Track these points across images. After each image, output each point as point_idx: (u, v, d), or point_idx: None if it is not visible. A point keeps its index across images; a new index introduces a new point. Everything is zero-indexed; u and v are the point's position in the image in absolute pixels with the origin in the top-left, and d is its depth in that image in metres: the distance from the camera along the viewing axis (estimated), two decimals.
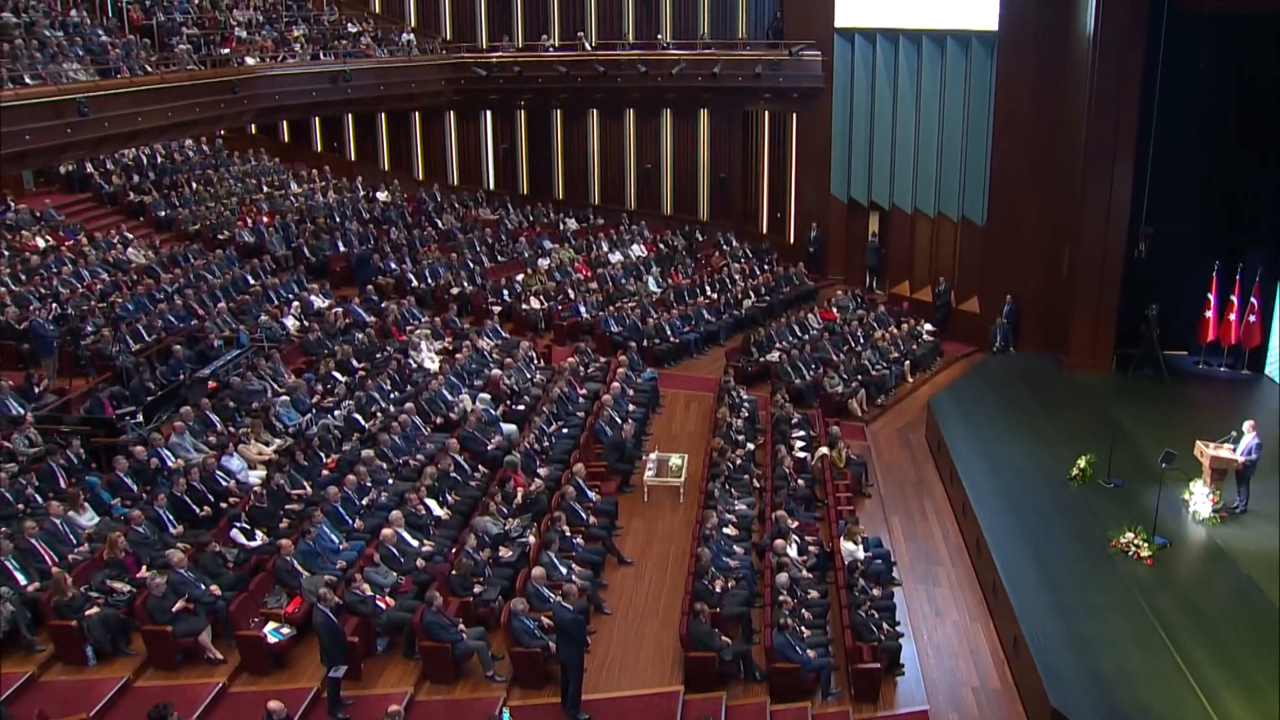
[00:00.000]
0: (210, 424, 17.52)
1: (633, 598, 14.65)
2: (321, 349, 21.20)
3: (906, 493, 18.73)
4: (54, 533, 13.80)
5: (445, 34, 33.65)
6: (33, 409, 17.39)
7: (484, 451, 17.44)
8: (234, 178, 31.71)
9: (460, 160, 35.67)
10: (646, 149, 33.24)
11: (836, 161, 28.76)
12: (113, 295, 22.11)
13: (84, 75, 21.38)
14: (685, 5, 31.37)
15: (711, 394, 21.47)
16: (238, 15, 29.19)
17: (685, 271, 28.24)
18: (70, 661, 12.47)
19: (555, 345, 23.69)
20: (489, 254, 28.25)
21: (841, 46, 27.99)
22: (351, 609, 12.76)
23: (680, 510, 17.05)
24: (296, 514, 15.08)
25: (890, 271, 28.50)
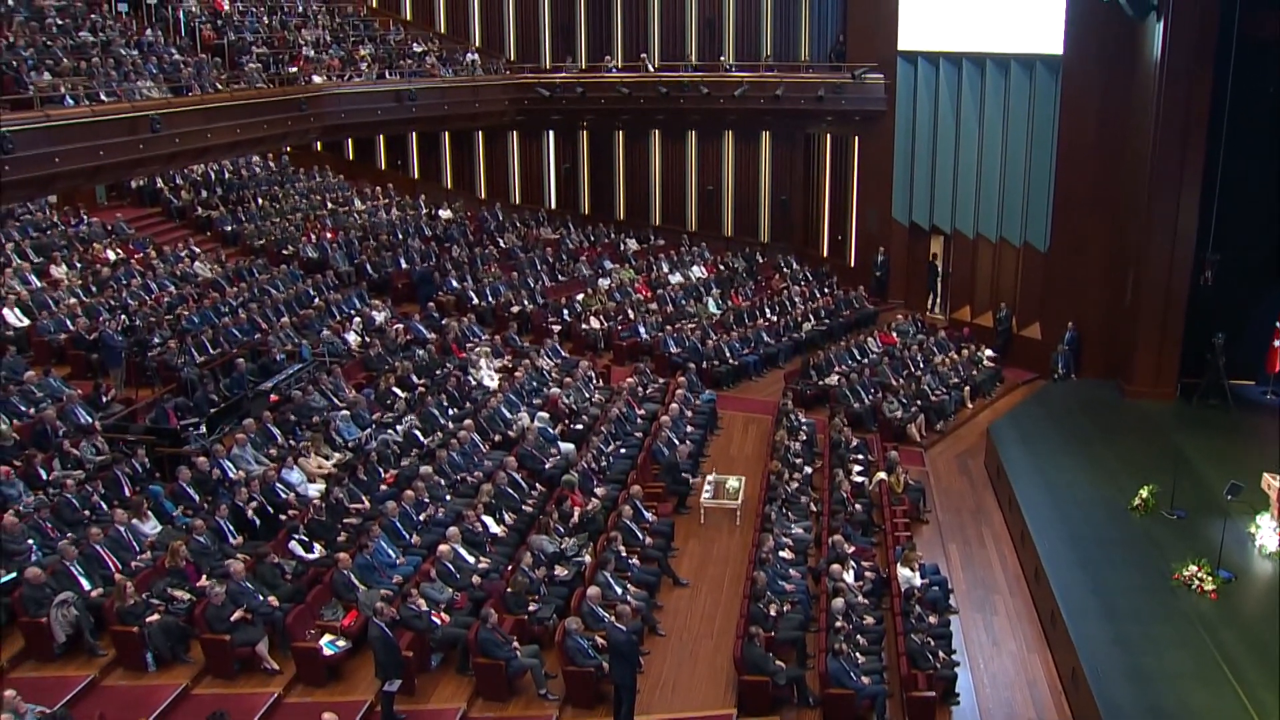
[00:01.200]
0: (271, 437, 17.73)
1: (687, 619, 14.65)
2: (382, 365, 21.39)
3: (964, 520, 18.60)
4: (118, 540, 14.05)
5: (509, 54, 33.92)
6: (100, 418, 17.68)
7: (542, 470, 17.53)
8: (299, 194, 32.04)
9: (522, 179, 35.88)
10: (708, 170, 33.29)
11: (898, 185, 28.71)
12: (179, 308, 22.41)
13: (157, 93, 21.72)
14: (748, 27, 31.44)
15: (770, 417, 21.47)
16: (306, 35, 29.58)
17: (745, 293, 28.23)
18: (131, 667, 12.68)
19: (614, 365, 23.76)
20: (550, 273, 28.39)
21: (904, 70, 27.98)
22: (407, 624, 12.87)
23: (736, 533, 17.03)
24: (354, 528, 15.22)
25: (952, 296, 28.33)
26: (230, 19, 28.88)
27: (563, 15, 33.51)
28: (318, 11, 32.12)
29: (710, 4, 31.69)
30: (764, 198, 32.68)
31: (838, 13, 30.39)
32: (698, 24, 31.96)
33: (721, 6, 31.54)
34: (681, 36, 32.20)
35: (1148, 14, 21.81)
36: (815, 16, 30.75)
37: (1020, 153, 25.78)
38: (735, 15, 31.49)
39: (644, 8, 32.48)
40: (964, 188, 27.47)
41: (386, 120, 28.23)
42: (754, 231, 32.91)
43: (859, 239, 30.37)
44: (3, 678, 12.20)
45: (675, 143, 33.50)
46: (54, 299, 21.52)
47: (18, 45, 21.26)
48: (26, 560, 13.31)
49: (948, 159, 27.75)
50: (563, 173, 35.24)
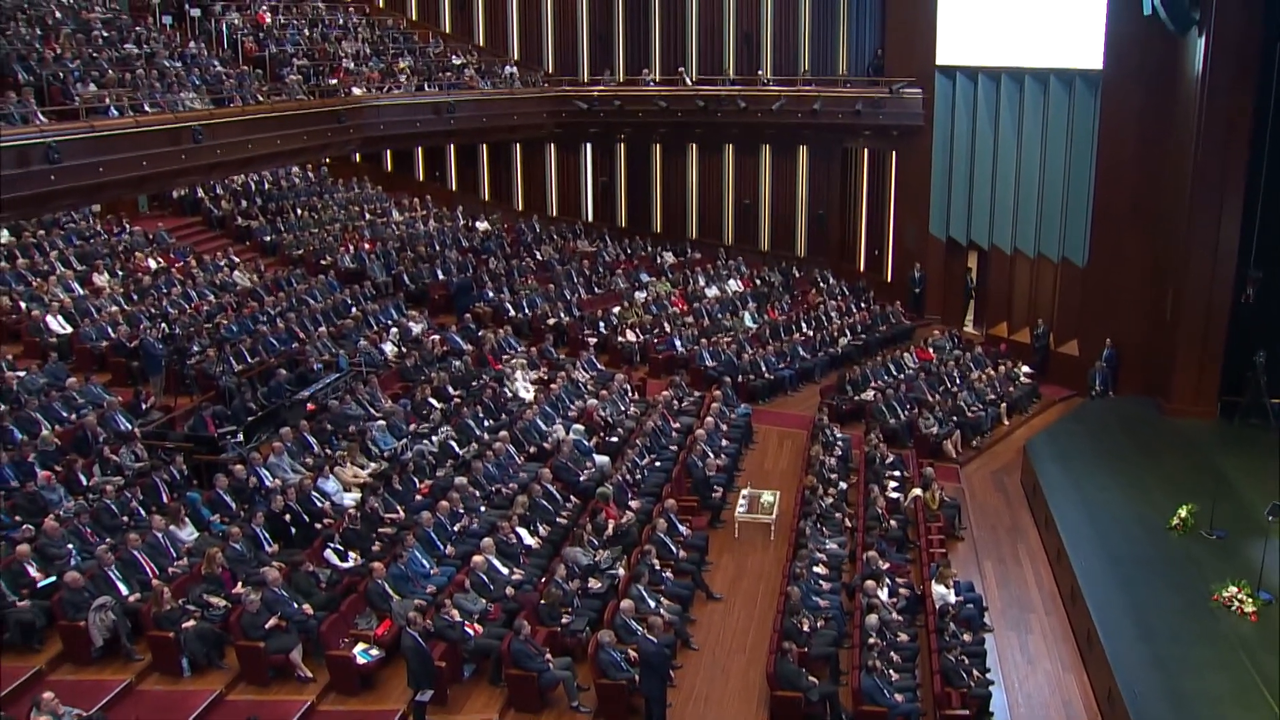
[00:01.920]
0: (308, 445, 17.87)
1: (720, 634, 14.65)
2: (419, 375, 21.51)
3: (1000, 537, 18.49)
4: (156, 546, 14.18)
5: (548, 67, 34.06)
6: (140, 425, 17.90)
7: (576, 482, 17.54)
8: (337, 205, 32.21)
9: (560, 192, 36.00)
10: (745, 184, 33.27)
11: (935, 200, 28.63)
12: (218, 317, 22.61)
13: (199, 104, 21.95)
14: (786, 42, 31.43)
15: (805, 431, 21.44)
16: (346, 47, 29.82)
17: (781, 308, 28.20)
18: (166, 672, 12.78)
19: (650, 378, 23.77)
20: (586, 286, 28.47)
21: (943, 84, 27.94)
22: (440, 634, 12.90)
23: (770, 548, 17.01)
24: (389, 538, 15.31)
25: (988, 312, 28.21)
26: (272, 32, 29.20)
27: (601, 28, 33.61)
28: (358, 24, 32.40)
29: (748, 18, 31.71)
30: (801, 212, 32.60)
31: (876, 27, 30.35)
32: (736, 38, 31.97)
33: (760, 20, 31.54)
34: (720, 50, 32.24)
35: (1189, 29, 21.70)
36: (853, 31, 30.71)
37: (1059, 168, 25.66)
38: (773, 29, 31.46)
39: (682, 21, 32.54)
40: (1001, 203, 27.35)
41: (425, 132, 28.44)
42: (791, 246, 32.85)
43: (896, 254, 30.31)
44: (41, 680, 12.34)
45: (712, 156, 33.52)
46: (96, 306, 21.80)
47: (65, 57, 21.57)
48: (66, 564, 13.47)
49: (985, 174, 27.64)
50: (600, 185, 35.32)
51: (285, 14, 31.11)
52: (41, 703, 10.91)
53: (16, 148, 16.42)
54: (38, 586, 13.18)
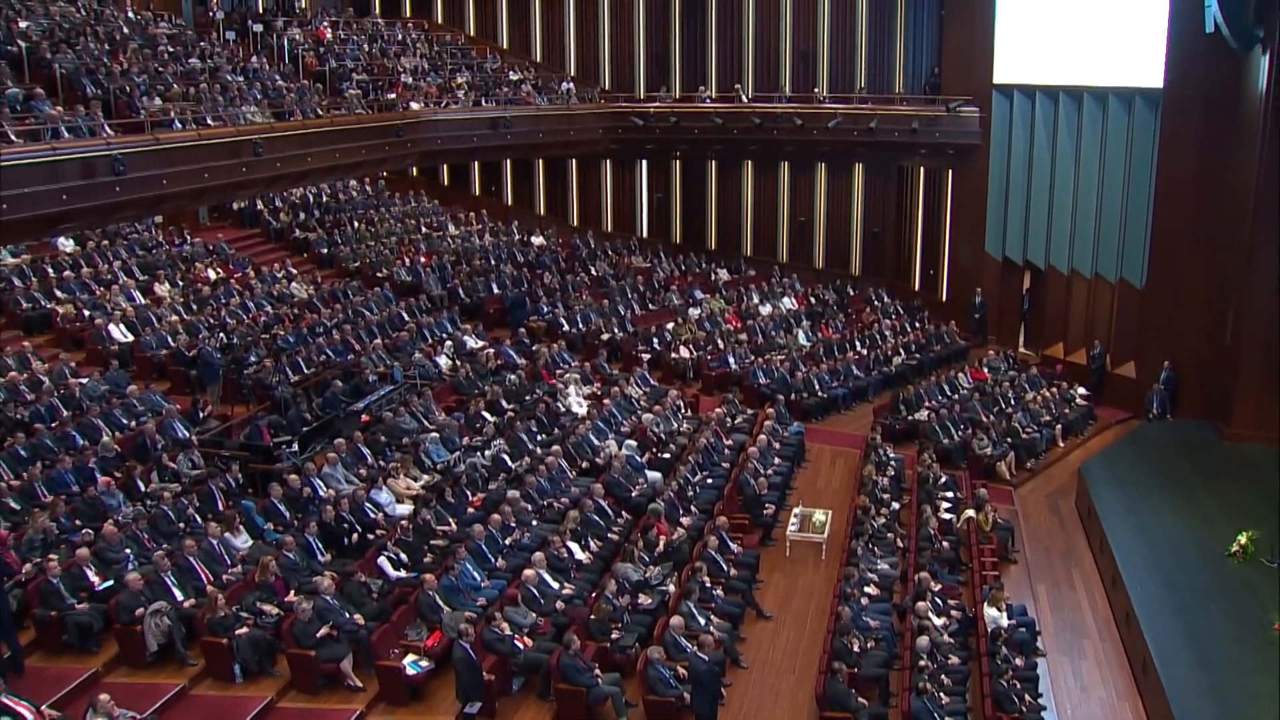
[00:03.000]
0: (362, 456, 18.00)
1: (770, 653, 14.59)
2: (472, 389, 21.62)
3: (1054, 560, 18.28)
4: (211, 553, 14.35)
5: (604, 84, 34.20)
6: (197, 433, 18.12)
7: (628, 498, 17.56)
8: (394, 218, 32.49)
9: (615, 208, 36.11)
10: (800, 202, 33.23)
11: (992, 219, 28.47)
12: (276, 327, 22.90)
13: (260, 118, 22.24)
14: (842, 59, 31.41)
15: (858, 451, 21.32)
16: (405, 62, 30.10)
17: (836, 326, 28.13)
18: (219, 677, 12.91)
19: (703, 395, 23.76)
20: (640, 301, 28.53)
21: (1000, 103, 27.77)
22: (490, 647, 12.95)
23: (822, 567, 16.93)
24: (441, 549, 15.36)
25: (1044, 333, 27.96)
26: (332, 47, 29.57)
27: (658, 45, 33.76)
28: (417, 40, 32.72)
29: (805, 35, 31.71)
30: (856, 230, 32.54)
31: (933, 45, 30.30)
32: (792, 55, 31.97)
33: (816, 38, 31.55)
34: (776, 67, 32.27)
35: (1252, 46, 21.38)
36: (910, 49, 30.65)
37: (1117, 187, 25.43)
38: (830, 47, 31.47)
39: (739, 38, 32.61)
40: (1059, 222, 27.15)
41: (482, 147, 28.63)
42: (845, 264, 32.77)
43: (951, 273, 30.15)
44: (98, 682, 12.52)
45: (768, 173, 33.53)
46: (157, 316, 22.13)
47: (131, 71, 21.94)
48: (124, 569, 13.65)
49: (1042, 193, 27.44)
50: (655, 202, 35.41)
51: (345, 29, 31.50)
52: (98, 704, 11.04)
53: (83, 159, 16.71)
54: (96, 590, 13.38)
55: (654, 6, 33.63)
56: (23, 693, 11.44)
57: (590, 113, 30.94)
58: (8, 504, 14.89)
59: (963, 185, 29.17)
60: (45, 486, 15.55)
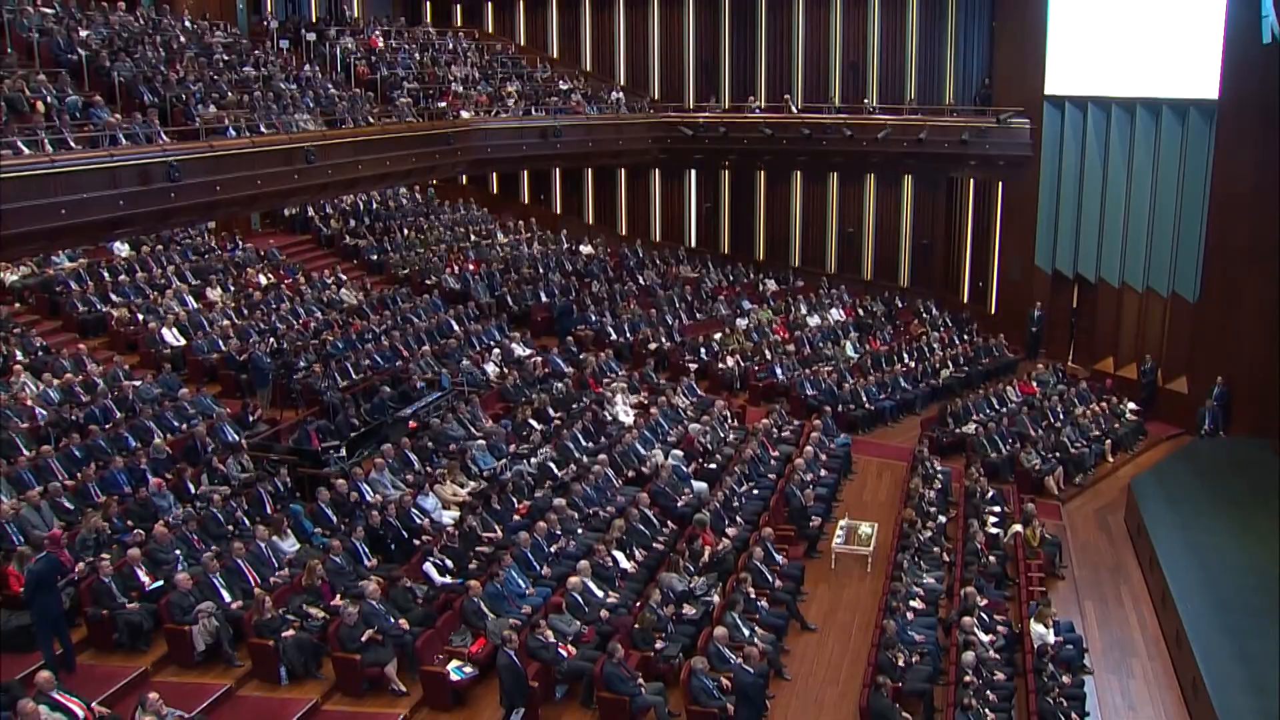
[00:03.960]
0: (409, 462, 18.12)
1: (813, 665, 14.52)
2: (520, 396, 21.70)
3: (1102, 577, 18.07)
4: (259, 555, 14.53)
5: (654, 93, 34.29)
6: (246, 436, 18.37)
7: (674, 507, 17.54)
8: (444, 226, 32.62)
9: (664, 217, 36.13)
10: (849, 213, 33.12)
11: (1042, 232, 28.23)
12: (325, 333, 23.10)
13: (312, 125, 22.49)
14: (892, 70, 31.32)
15: (905, 463, 21.20)
16: (455, 71, 30.30)
17: (884, 338, 27.99)
18: (265, 679, 13.04)
19: (750, 405, 23.73)
20: (688, 311, 28.50)
21: (1051, 114, 27.54)
22: (534, 654, 12.98)
23: (867, 579, 16.83)
24: (486, 556, 15.43)
25: (1095, 346, 27.70)
26: (384, 55, 29.83)
27: (707, 55, 33.78)
28: (467, 49, 32.90)
29: (854, 46, 31.65)
30: (905, 242, 32.39)
31: (984, 56, 30.15)
32: (842, 66, 31.91)
33: (866, 49, 31.48)
34: (825, 78, 32.20)
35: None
36: (960, 59, 30.50)
37: (1170, 200, 25.13)
38: (879, 57, 31.40)
39: (788, 49, 32.59)
40: (1110, 235, 26.87)
41: (531, 156, 28.83)
42: (894, 275, 32.63)
43: (1001, 286, 29.93)
44: (147, 681, 12.69)
45: (817, 184, 33.45)
46: (208, 320, 22.41)
47: (188, 80, 22.24)
48: (174, 570, 13.83)
49: (1094, 206, 27.18)
50: (704, 211, 35.39)
51: (397, 39, 31.74)
52: (147, 703, 11.21)
53: (140, 166, 16.98)
54: (146, 590, 13.58)
55: (704, 17, 33.68)
56: (74, 689, 11.65)
57: (639, 122, 31.05)
58: (62, 503, 15.14)
59: (1013, 197, 28.97)
60: (98, 487, 15.81)
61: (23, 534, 14.21)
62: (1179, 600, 15.66)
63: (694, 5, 33.72)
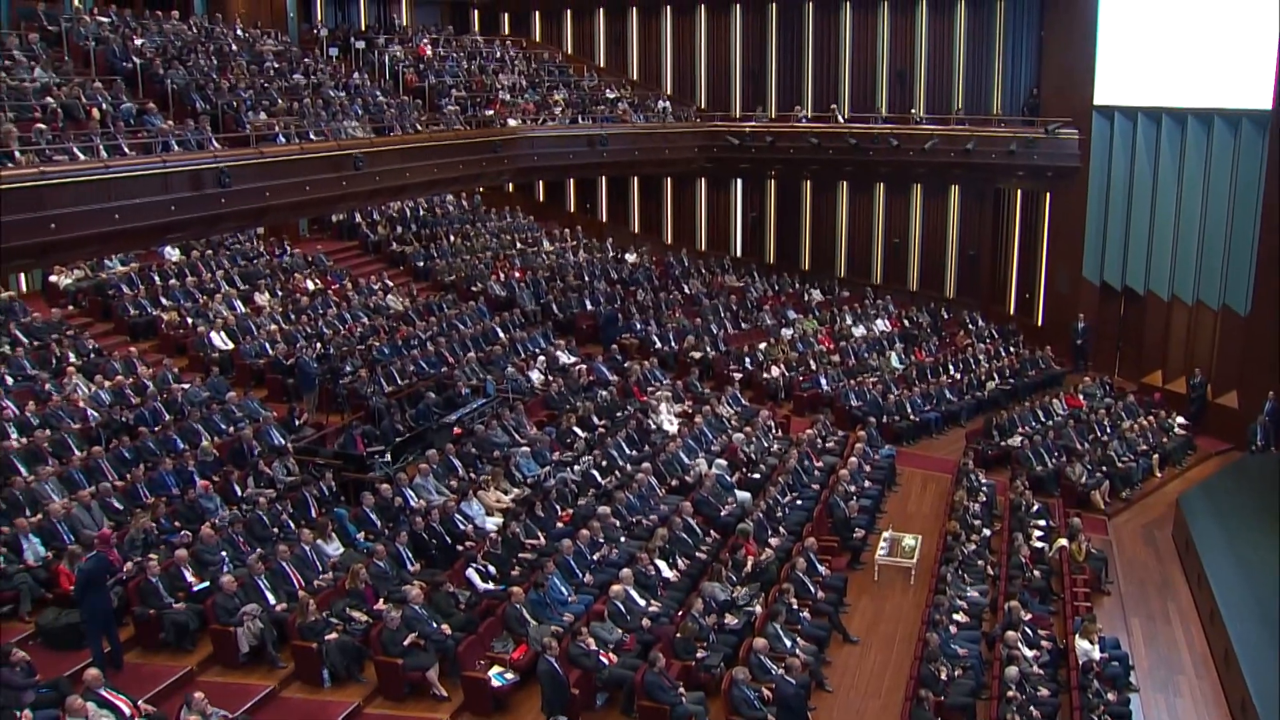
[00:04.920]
0: (453, 468, 18.22)
1: (855, 677, 14.45)
2: (564, 404, 21.76)
3: (1149, 593, 17.85)
4: (303, 558, 14.67)
5: (700, 102, 34.31)
6: (292, 440, 18.56)
7: (717, 517, 17.52)
8: (490, 233, 32.79)
9: (709, 226, 36.14)
10: (895, 223, 32.99)
11: (1090, 243, 27.96)
12: (371, 339, 23.26)
13: (361, 133, 22.66)
14: (940, 80, 31.16)
15: (949, 476, 21.10)
16: (503, 80, 30.43)
17: (929, 349, 27.84)
18: (307, 681, 13.16)
19: (794, 416, 23.69)
20: (733, 320, 28.47)
21: (1100, 125, 27.28)
22: (575, 661, 13.03)
23: (910, 592, 16.74)
24: (529, 563, 15.47)
25: (1143, 360, 27.41)
26: (432, 64, 29.99)
27: (754, 64, 33.77)
28: (515, 58, 33.05)
29: (902, 56, 31.52)
30: (951, 252, 32.20)
31: (1032, 66, 29.91)
32: (889, 75, 31.79)
33: (913, 58, 31.33)
34: (872, 88, 32.10)
35: None
36: (1008, 69, 30.27)
37: (1221, 212, 24.83)
38: (927, 67, 31.22)
39: (835, 58, 32.52)
40: (1159, 247, 26.59)
41: (577, 164, 28.84)
42: (940, 286, 32.45)
43: (1048, 298, 29.69)
44: (192, 680, 12.84)
45: (863, 194, 33.35)
46: (256, 324, 22.64)
47: (239, 87, 22.49)
48: (219, 571, 13.99)
49: (1143, 217, 26.90)
50: (749, 221, 35.38)
51: (445, 47, 31.95)
52: (192, 702, 11.35)
53: (192, 172, 17.18)
54: (192, 590, 13.74)
55: (751, 26, 33.66)
56: (121, 687, 11.82)
57: (686, 131, 31.04)
58: (112, 504, 15.39)
59: (1061, 208, 28.73)
60: (147, 488, 16.04)
61: (73, 533, 14.48)
62: (1228, 618, 15.43)
63: (741, 14, 33.73)
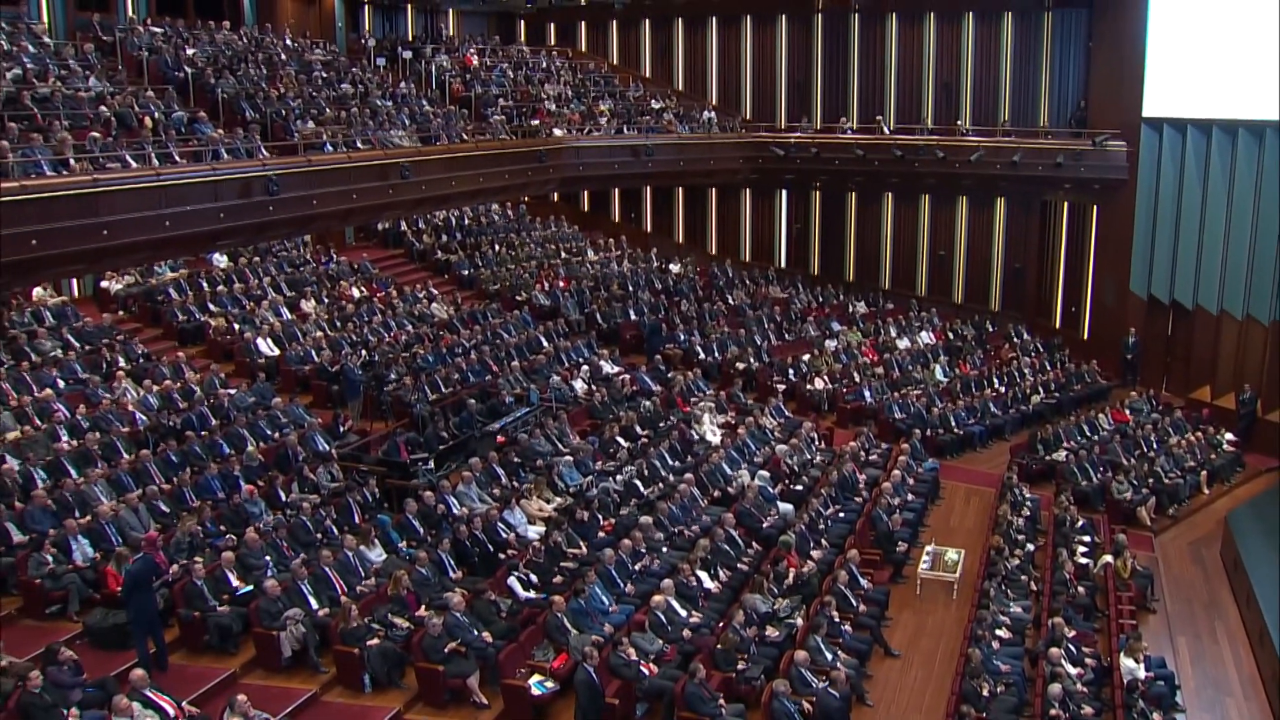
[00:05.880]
0: (496, 476, 18.32)
1: (896, 692, 14.37)
2: (607, 414, 21.81)
3: (1196, 612, 17.62)
4: (346, 564, 14.76)
5: (745, 113, 34.29)
6: (337, 446, 18.70)
7: (759, 528, 17.50)
8: (534, 242, 32.87)
9: (754, 237, 36.09)
10: (940, 235, 32.83)
11: (1137, 257, 27.64)
12: (416, 346, 23.37)
13: (407, 142, 22.83)
14: (986, 92, 30.97)
15: (993, 490, 20.94)
16: (548, 90, 30.57)
17: (974, 362, 27.68)
18: (349, 686, 13.24)
19: (837, 427, 23.62)
20: (777, 332, 28.42)
21: (1149, 137, 26.96)
22: (615, 671, 13.02)
23: (953, 607, 16.62)
24: (571, 572, 15.49)
25: (1191, 375, 27.10)
26: (478, 73, 30.20)
27: (799, 75, 33.73)
28: (560, 68, 33.21)
29: (948, 67, 31.39)
30: (997, 265, 31.99)
31: (1080, 77, 29.66)
32: (935, 87, 31.68)
33: (959, 70, 31.19)
34: (918, 99, 31.99)
35: None
36: (1056, 81, 30.04)
37: (1272, 225, 24.46)
38: (973, 79, 31.04)
39: (881, 70, 32.42)
40: (1208, 261, 26.27)
41: (622, 174, 28.87)
42: (985, 299, 32.24)
43: (1094, 311, 29.42)
44: (235, 683, 12.94)
45: (908, 206, 33.20)
46: (302, 331, 22.84)
47: (287, 96, 22.71)
48: (263, 575, 14.10)
49: (1192, 231, 26.58)
50: (794, 232, 35.29)
51: (491, 57, 32.14)
52: (235, 704, 11.46)
53: (241, 179, 17.38)
54: (237, 594, 13.87)
55: (796, 37, 33.63)
56: (166, 688, 11.96)
57: (731, 142, 31.03)
58: (159, 506, 15.58)
59: (1108, 221, 28.45)
60: (193, 492, 16.23)
61: (121, 535, 14.66)
62: (1277, 640, 15.21)
63: (786, 25, 33.72)
